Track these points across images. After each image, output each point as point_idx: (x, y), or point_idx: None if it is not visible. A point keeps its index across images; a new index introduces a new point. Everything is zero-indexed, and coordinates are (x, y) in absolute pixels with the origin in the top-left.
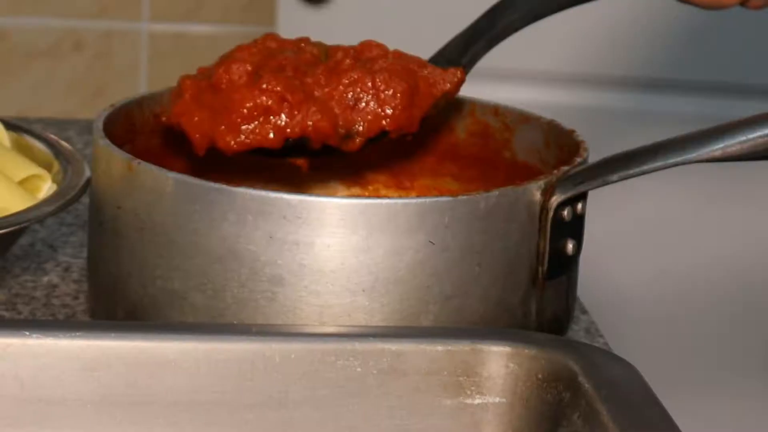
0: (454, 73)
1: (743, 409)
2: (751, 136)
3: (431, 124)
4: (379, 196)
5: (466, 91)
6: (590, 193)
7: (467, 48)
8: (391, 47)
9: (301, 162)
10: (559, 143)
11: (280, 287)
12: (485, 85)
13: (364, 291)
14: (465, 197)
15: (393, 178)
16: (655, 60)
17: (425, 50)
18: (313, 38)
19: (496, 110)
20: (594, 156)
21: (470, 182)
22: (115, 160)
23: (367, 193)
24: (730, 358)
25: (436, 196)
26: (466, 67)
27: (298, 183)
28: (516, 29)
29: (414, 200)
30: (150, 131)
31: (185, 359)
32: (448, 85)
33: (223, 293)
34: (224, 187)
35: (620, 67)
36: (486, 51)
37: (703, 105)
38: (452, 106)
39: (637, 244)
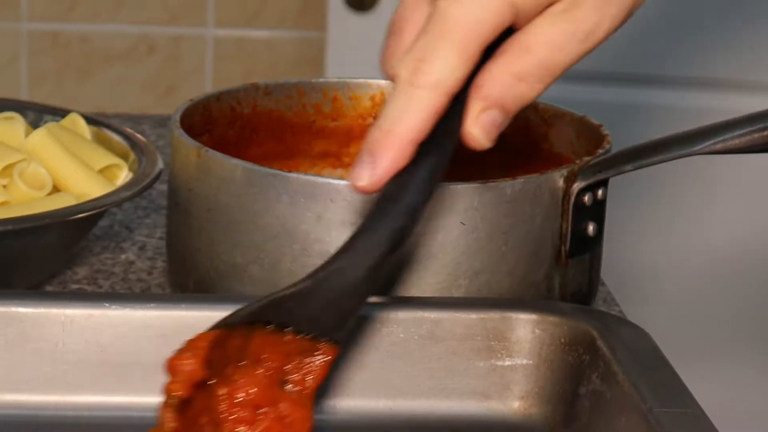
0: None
1: (743, 374)
2: (748, 130)
3: None
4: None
5: None
6: (616, 180)
7: None
8: None
9: None
10: (588, 136)
11: None
12: None
13: (401, 266)
14: (493, 183)
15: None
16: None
17: None
18: (360, 42)
19: (536, 106)
20: (620, 147)
21: (512, 170)
22: (187, 148)
23: None
24: (732, 327)
25: (466, 181)
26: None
27: None
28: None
29: (446, 185)
30: (227, 123)
31: None
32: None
33: (278, 267)
34: (279, 172)
35: (646, 66)
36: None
37: (716, 100)
38: None
39: (652, 225)
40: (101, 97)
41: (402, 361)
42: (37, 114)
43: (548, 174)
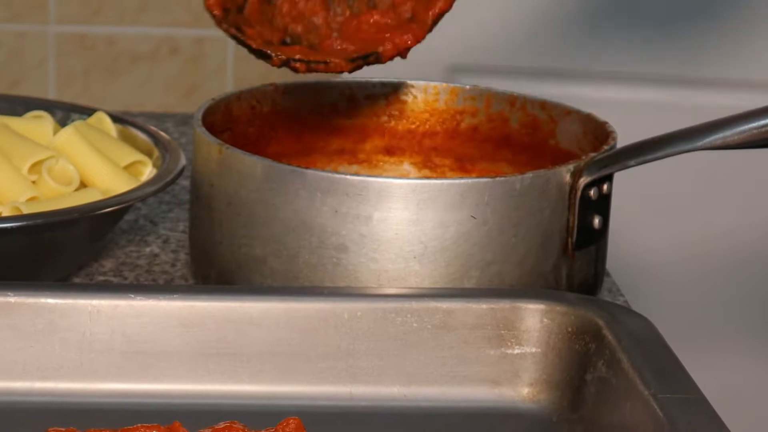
0: None
1: (743, 361)
2: (746, 127)
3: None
4: (427, 177)
5: (517, 88)
6: (622, 175)
7: None
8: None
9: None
10: (594, 133)
11: (344, 254)
12: (534, 83)
13: (415, 258)
14: (502, 178)
15: (457, 162)
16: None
17: (479, 54)
18: None
19: (543, 105)
20: (625, 144)
21: (521, 166)
22: (209, 145)
23: (434, 175)
24: (733, 316)
25: (477, 176)
26: None
27: (375, 165)
28: None
29: (458, 180)
30: (247, 121)
31: (266, 317)
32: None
33: (296, 258)
34: (297, 168)
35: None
36: None
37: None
38: (506, 102)
39: (656, 219)
40: (126, 96)
41: (416, 349)
42: (65, 113)
43: (556, 169)
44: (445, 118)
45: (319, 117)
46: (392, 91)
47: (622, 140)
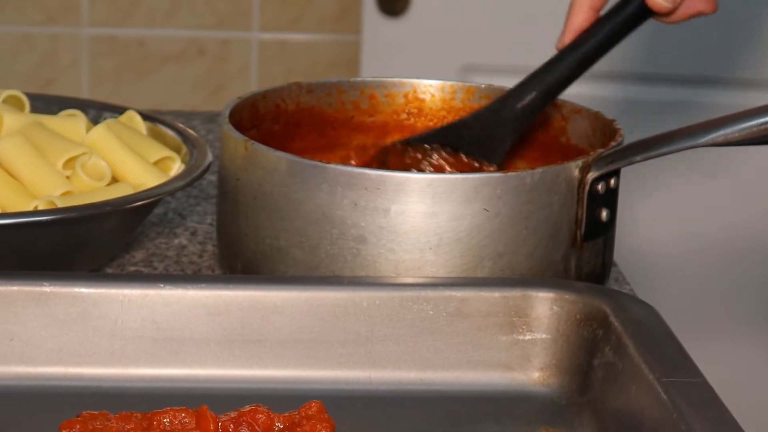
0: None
1: (742, 346)
2: (746, 125)
3: None
4: (444, 172)
5: None
6: (628, 170)
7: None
8: (462, 53)
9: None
10: (603, 130)
11: (363, 245)
12: None
13: (431, 248)
14: (514, 173)
15: None
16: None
17: (493, 54)
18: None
19: (555, 103)
20: (631, 140)
21: (533, 161)
22: (235, 142)
23: (448, 171)
24: (733, 304)
25: (489, 172)
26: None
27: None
28: (565, 87)
29: (471, 175)
30: (272, 118)
31: (289, 305)
32: None
33: (317, 249)
34: (319, 163)
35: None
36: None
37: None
38: None
39: (661, 211)
40: (156, 95)
41: (431, 335)
42: (97, 111)
43: (565, 164)
44: (461, 116)
45: (341, 114)
46: (411, 89)
47: (629, 137)
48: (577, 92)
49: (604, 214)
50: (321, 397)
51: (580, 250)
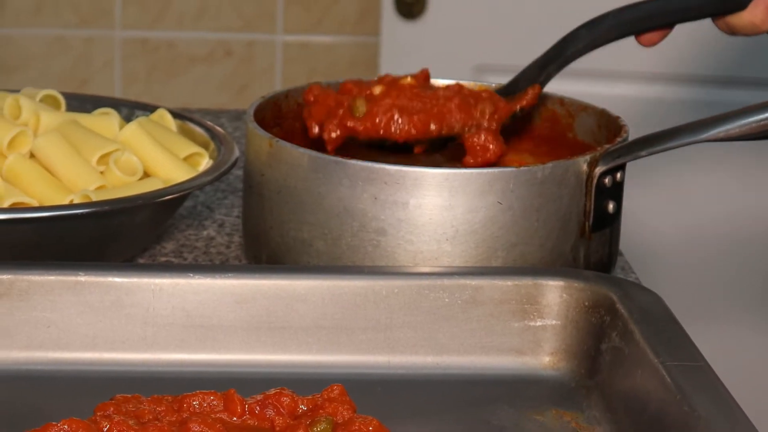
0: (533, 89)
1: (742, 332)
2: (746, 121)
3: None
4: (459, 167)
5: None
6: (634, 164)
7: (542, 69)
8: (475, 54)
9: (417, 149)
10: (608, 126)
11: (383, 237)
12: (553, 82)
13: (447, 240)
14: (526, 168)
15: None
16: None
17: (504, 54)
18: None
19: (562, 101)
20: (636, 136)
21: (543, 156)
22: (260, 139)
23: (462, 165)
24: (734, 292)
25: (503, 166)
26: (542, 83)
27: (410, 157)
28: (579, 56)
29: (486, 170)
30: (294, 116)
31: (312, 294)
32: (525, 101)
33: (339, 241)
34: (340, 159)
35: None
36: (557, 72)
37: (719, 95)
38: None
39: (665, 203)
40: (185, 94)
41: (447, 322)
42: (129, 110)
43: (574, 160)
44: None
45: None
46: None
47: (634, 133)
48: (583, 90)
49: (610, 206)
50: (342, 380)
51: (588, 240)
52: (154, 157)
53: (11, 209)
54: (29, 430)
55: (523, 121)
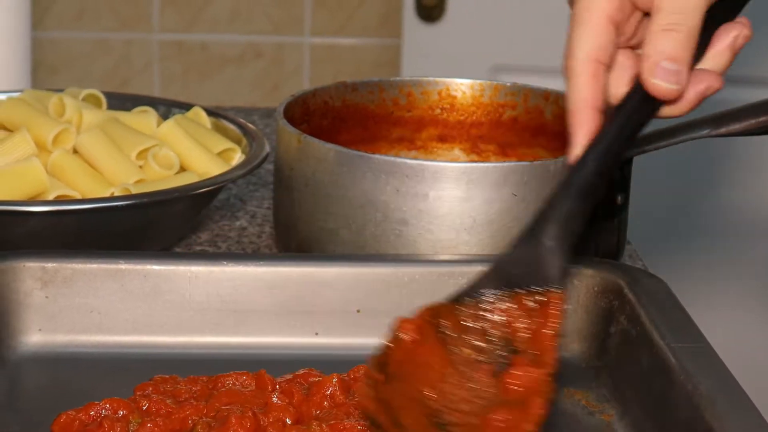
0: (556, 298)
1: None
2: (746, 119)
3: None
4: (476, 161)
5: (551, 84)
6: (640, 158)
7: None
8: (492, 55)
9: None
10: None
11: (405, 226)
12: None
13: (465, 229)
14: (539, 162)
15: (500, 148)
16: None
17: (519, 55)
18: (429, 47)
19: None
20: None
21: (555, 151)
22: (289, 135)
23: (481, 159)
24: (735, 278)
25: (517, 161)
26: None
27: (430, 151)
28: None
29: (501, 164)
30: (321, 114)
31: (338, 280)
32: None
33: (363, 231)
34: (364, 154)
35: None
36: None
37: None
38: (541, 97)
39: (670, 195)
40: (218, 93)
41: None
42: (166, 108)
43: None
44: (489, 111)
45: (383, 110)
46: (444, 87)
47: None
48: None
49: (619, 197)
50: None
51: (597, 230)
52: (190, 152)
53: (56, 201)
54: (73, 409)
55: (534, 117)
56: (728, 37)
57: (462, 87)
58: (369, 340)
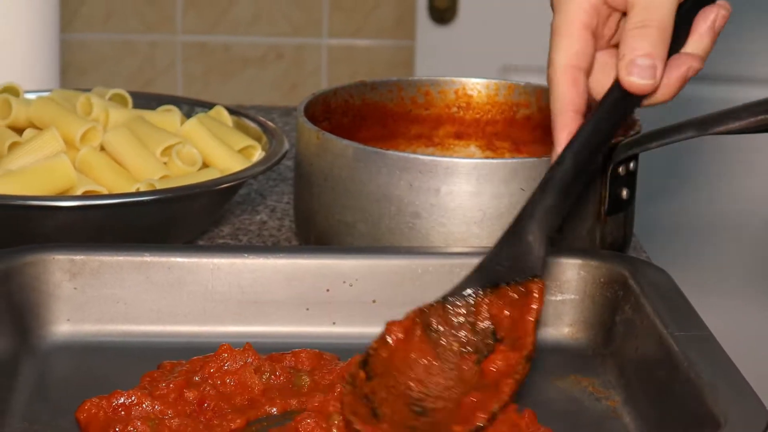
0: (536, 285)
1: (743, 305)
2: (746, 117)
3: None
4: (492, 157)
5: None
6: (646, 155)
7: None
8: (502, 55)
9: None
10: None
11: (418, 220)
12: None
13: (475, 223)
14: (547, 158)
15: (513, 145)
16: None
17: (528, 56)
18: (441, 48)
19: None
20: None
21: None
22: (309, 132)
23: (495, 156)
24: (735, 269)
25: (526, 156)
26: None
27: (447, 147)
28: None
29: (510, 160)
30: (341, 112)
31: (355, 272)
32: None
33: (379, 224)
34: (380, 150)
35: None
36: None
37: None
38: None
39: (673, 190)
40: (239, 93)
41: None
42: (189, 107)
43: None
44: (504, 109)
45: (401, 108)
46: (460, 87)
47: (645, 127)
48: None
49: (624, 192)
50: None
51: (604, 223)
52: (212, 149)
53: (84, 197)
54: (97, 397)
55: (546, 116)
56: (707, 21)
57: (478, 86)
58: (382, 329)
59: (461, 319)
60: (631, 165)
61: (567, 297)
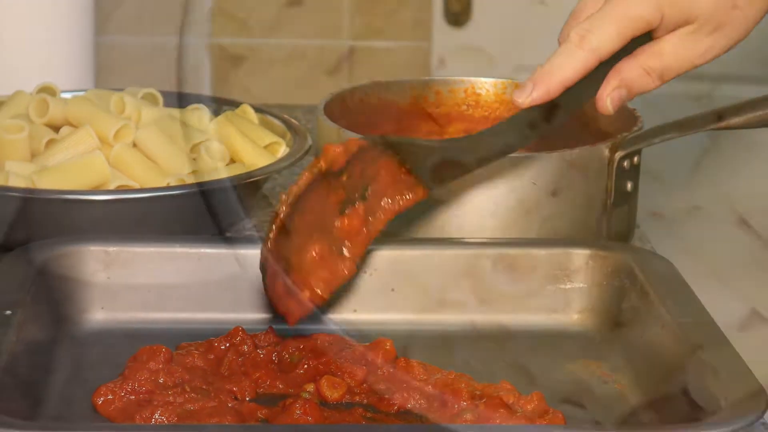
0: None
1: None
2: (746, 113)
3: None
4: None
5: None
6: (649, 150)
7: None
8: (513, 56)
9: None
10: (626, 118)
11: (433, 212)
12: None
13: (490, 215)
14: (557, 153)
15: None
16: None
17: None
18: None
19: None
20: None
21: (572, 143)
22: (329, 129)
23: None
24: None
25: (535, 152)
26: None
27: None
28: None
29: (522, 155)
30: (358, 111)
31: (374, 261)
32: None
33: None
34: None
35: None
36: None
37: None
38: None
39: (676, 183)
40: (265, 92)
41: (490, 286)
42: (217, 105)
43: (597, 146)
44: (511, 107)
45: (414, 106)
46: (469, 86)
47: (648, 123)
48: None
49: (629, 185)
50: (395, 336)
51: (610, 215)
52: (239, 145)
53: (117, 191)
54: (111, 381)
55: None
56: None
57: (486, 85)
58: (401, 316)
59: (359, 165)
60: (636, 159)
61: (576, 285)
